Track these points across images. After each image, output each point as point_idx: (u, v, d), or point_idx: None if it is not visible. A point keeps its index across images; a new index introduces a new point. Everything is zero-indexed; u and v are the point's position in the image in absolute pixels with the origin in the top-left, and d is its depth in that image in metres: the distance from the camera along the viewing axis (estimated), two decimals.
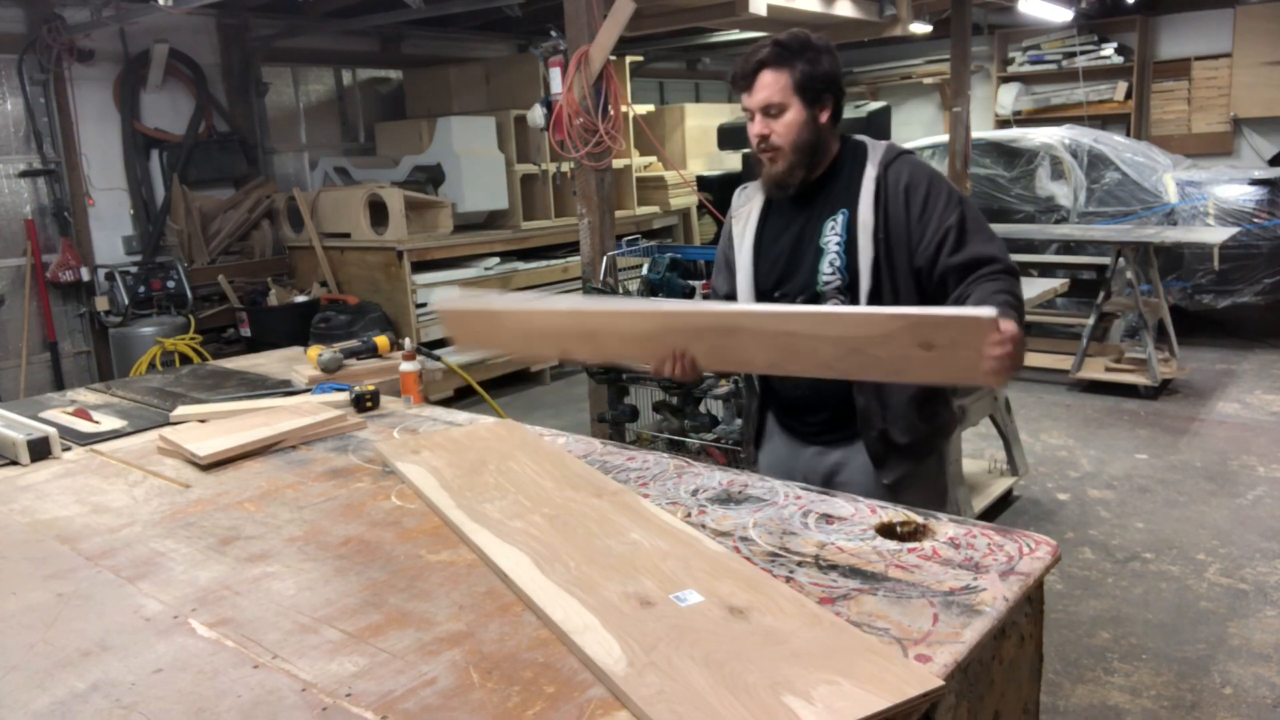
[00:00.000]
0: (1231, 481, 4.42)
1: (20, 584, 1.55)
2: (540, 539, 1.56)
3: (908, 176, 1.99)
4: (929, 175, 2.01)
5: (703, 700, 1.09)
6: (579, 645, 1.23)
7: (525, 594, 1.39)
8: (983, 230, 1.97)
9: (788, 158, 2.00)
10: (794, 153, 2.00)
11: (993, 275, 1.91)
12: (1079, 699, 2.83)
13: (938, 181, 2.00)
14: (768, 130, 1.99)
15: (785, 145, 1.99)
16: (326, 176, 7.11)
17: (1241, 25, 8.43)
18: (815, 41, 2.00)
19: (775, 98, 1.97)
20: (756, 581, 1.37)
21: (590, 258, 4.21)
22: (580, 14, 4.02)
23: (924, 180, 1.99)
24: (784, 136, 1.98)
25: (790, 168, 2.01)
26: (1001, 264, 1.93)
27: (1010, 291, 1.87)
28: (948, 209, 1.96)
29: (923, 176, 1.99)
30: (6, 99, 5.78)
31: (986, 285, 1.89)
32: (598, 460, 2.00)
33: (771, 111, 1.98)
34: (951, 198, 1.98)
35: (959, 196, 1.99)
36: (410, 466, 1.96)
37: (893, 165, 2.01)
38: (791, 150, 1.99)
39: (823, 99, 1.99)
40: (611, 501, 1.71)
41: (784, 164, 2.01)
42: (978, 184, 7.38)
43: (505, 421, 2.29)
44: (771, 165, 2.03)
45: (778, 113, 1.98)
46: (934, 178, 2.00)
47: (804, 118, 1.98)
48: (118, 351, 5.86)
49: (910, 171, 2.00)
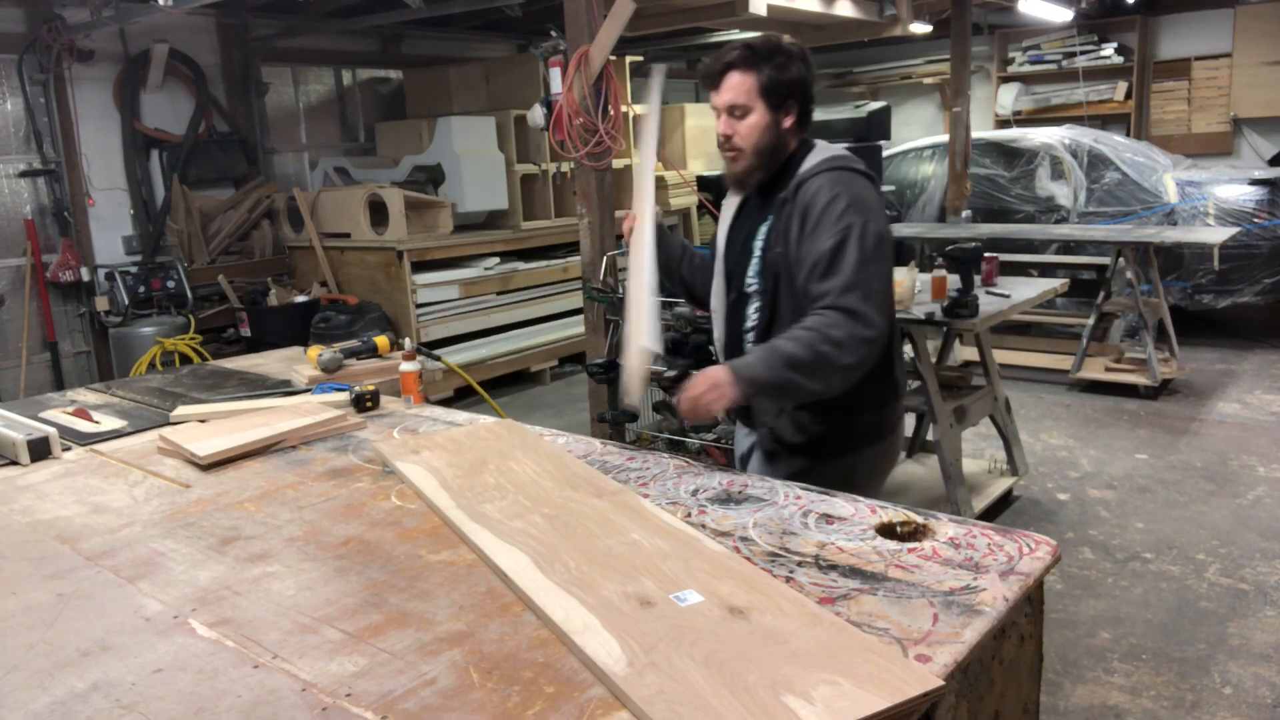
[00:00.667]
0: (1231, 481, 4.42)
1: (20, 584, 1.55)
2: (540, 539, 1.56)
3: (811, 196, 1.96)
4: (830, 198, 1.94)
5: (703, 700, 1.09)
6: (579, 645, 1.23)
7: (525, 594, 1.39)
8: (848, 263, 1.89)
9: (748, 159, 2.05)
10: (754, 155, 2.04)
11: (818, 311, 1.89)
12: (1079, 699, 2.83)
13: (835, 205, 1.93)
14: (731, 131, 2.03)
15: (747, 147, 2.03)
16: (326, 176, 7.10)
17: (1241, 25, 8.43)
18: (786, 47, 2.01)
19: (740, 100, 2.00)
20: (756, 581, 1.37)
21: (590, 258, 4.20)
22: (580, 14, 4.02)
23: (824, 202, 1.94)
24: (746, 139, 2.02)
25: (749, 169, 2.06)
26: (830, 303, 1.88)
27: (799, 340, 1.85)
28: (828, 236, 1.91)
29: (824, 197, 1.94)
30: (6, 99, 5.78)
31: (796, 326, 1.90)
32: (598, 460, 2.00)
33: (736, 113, 2.02)
34: (839, 223, 1.91)
35: (851, 224, 1.91)
36: (410, 466, 1.96)
37: (807, 183, 1.98)
38: (752, 152, 2.03)
39: (787, 104, 2.01)
40: (611, 501, 1.71)
41: (744, 164, 2.06)
42: (978, 184, 7.37)
43: (505, 421, 2.29)
44: (732, 164, 2.08)
45: (742, 114, 2.01)
46: (833, 201, 1.93)
47: (767, 121, 2.01)
48: (118, 351, 5.86)
49: (816, 191, 1.96)
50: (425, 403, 2.64)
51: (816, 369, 1.85)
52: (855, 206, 1.93)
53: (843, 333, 1.86)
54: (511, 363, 6.75)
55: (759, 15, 4.73)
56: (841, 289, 1.88)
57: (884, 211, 2.02)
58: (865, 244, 1.90)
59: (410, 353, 2.69)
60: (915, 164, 8.14)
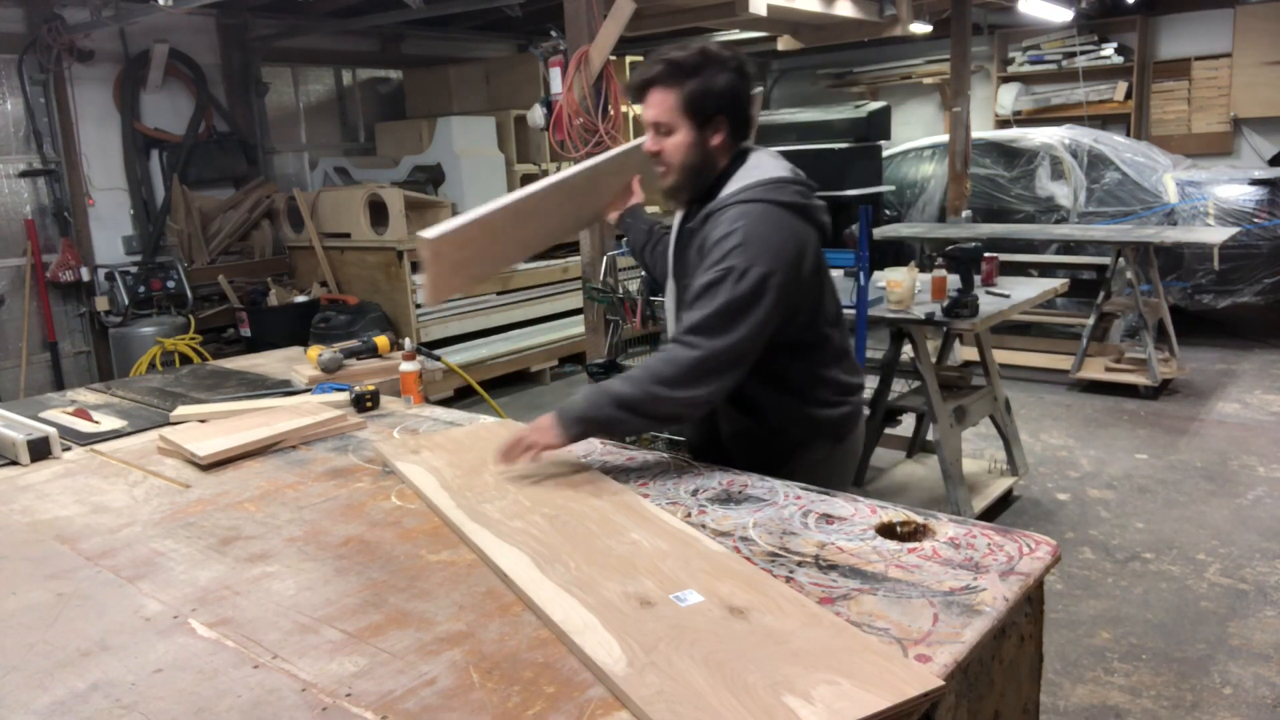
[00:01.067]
0: (1231, 481, 4.42)
1: (20, 584, 1.55)
2: (540, 539, 1.56)
3: (710, 229, 1.89)
4: (724, 234, 1.85)
5: (702, 700, 1.09)
6: (579, 645, 1.23)
7: (525, 594, 1.39)
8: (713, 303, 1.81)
9: (674, 176, 1.98)
10: (679, 173, 1.97)
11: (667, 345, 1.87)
12: (1079, 699, 2.83)
13: (724, 243, 1.84)
14: (659, 147, 1.97)
15: (673, 164, 1.97)
16: (326, 176, 7.11)
17: (1241, 25, 8.43)
18: (716, 56, 1.91)
19: (663, 117, 1.93)
20: (757, 581, 1.37)
21: (590, 258, 4.21)
22: (580, 14, 4.02)
23: (717, 237, 1.86)
24: (672, 156, 1.96)
25: (676, 186, 2.01)
26: (676, 337, 1.85)
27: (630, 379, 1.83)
28: (707, 273, 1.84)
29: (719, 232, 1.86)
30: (6, 99, 5.78)
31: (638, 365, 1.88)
32: (598, 460, 2.00)
33: (661, 130, 1.95)
34: (721, 264, 1.82)
35: (732, 267, 1.81)
36: (410, 466, 1.96)
37: (715, 215, 1.91)
38: (678, 170, 1.97)
39: (714, 121, 1.92)
40: (612, 501, 1.71)
41: (671, 180, 2.00)
42: (978, 184, 7.37)
43: (506, 422, 2.30)
44: (663, 179, 2.03)
45: (666, 132, 1.94)
46: (724, 238, 1.84)
47: (691, 140, 1.92)
48: (118, 351, 5.86)
49: (716, 225, 1.88)
50: (425, 403, 2.64)
51: (649, 404, 1.81)
52: (745, 247, 1.82)
53: (673, 369, 1.80)
54: (511, 363, 6.75)
55: (759, 15, 4.74)
56: (691, 326, 1.82)
57: (794, 248, 1.87)
58: (738, 287, 1.80)
59: (410, 353, 2.69)
60: (915, 164, 8.14)
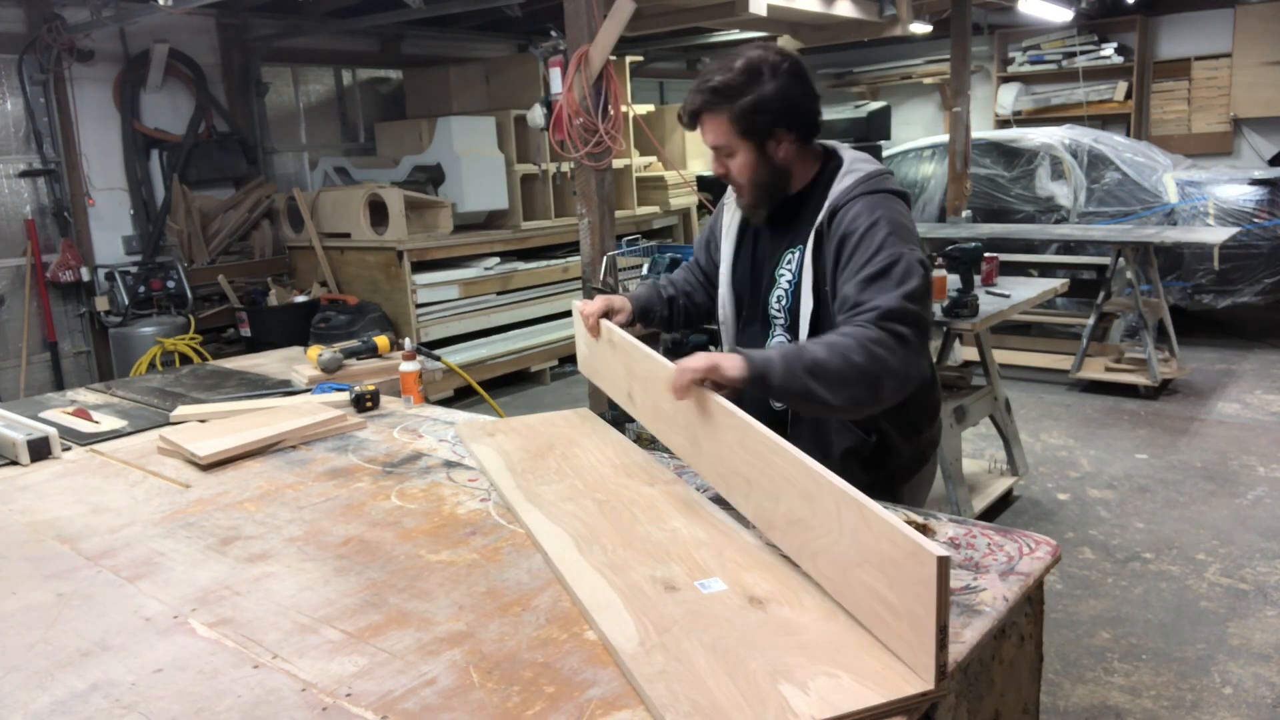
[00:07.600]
0: (1231, 481, 4.42)
1: (20, 584, 1.55)
2: (586, 521, 1.64)
3: (849, 223, 1.80)
4: (870, 224, 1.77)
5: (700, 682, 1.13)
6: (596, 621, 1.29)
7: (559, 572, 1.46)
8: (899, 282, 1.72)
9: (749, 194, 1.95)
10: (753, 191, 1.94)
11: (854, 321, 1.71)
12: (1079, 699, 2.83)
13: (875, 231, 1.76)
14: (724, 169, 1.93)
15: (744, 184, 1.93)
16: (326, 176, 7.10)
17: (1241, 25, 8.43)
18: (756, 66, 1.82)
19: (720, 141, 1.88)
20: (785, 576, 1.41)
21: (590, 258, 4.21)
22: (580, 14, 4.02)
23: (863, 228, 1.78)
24: (740, 177, 1.92)
25: (753, 203, 1.97)
26: (874, 311, 1.68)
27: (832, 345, 1.65)
28: (874, 262, 1.74)
29: (863, 223, 1.78)
30: (6, 99, 5.78)
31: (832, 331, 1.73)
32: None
33: (722, 153, 1.91)
34: (882, 250, 1.74)
35: (900, 254, 1.74)
36: (482, 448, 2.06)
37: (843, 209, 1.82)
38: (750, 189, 1.94)
39: (775, 133, 1.85)
40: (662, 490, 1.78)
41: (748, 199, 1.97)
42: (978, 184, 7.37)
43: (581, 411, 2.35)
44: (739, 198, 2.01)
45: (728, 154, 1.90)
46: (873, 226, 1.77)
47: (754, 158, 1.87)
48: (118, 351, 5.86)
49: (854, 218, 1.80)
50: (425, 403, 2.64)
51: (873, 373, 1.65)
52: (897, 234, 1.76)
53: (888, 346, 1.66)
54: (511, 363, 6.75)
55: (759, 15, 4.74)
56: (885, 312, 1.68)
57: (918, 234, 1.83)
58: (913, 275, 1.72)
59: (410, 353, 2.69)
60: (915, 164, 8.14)
